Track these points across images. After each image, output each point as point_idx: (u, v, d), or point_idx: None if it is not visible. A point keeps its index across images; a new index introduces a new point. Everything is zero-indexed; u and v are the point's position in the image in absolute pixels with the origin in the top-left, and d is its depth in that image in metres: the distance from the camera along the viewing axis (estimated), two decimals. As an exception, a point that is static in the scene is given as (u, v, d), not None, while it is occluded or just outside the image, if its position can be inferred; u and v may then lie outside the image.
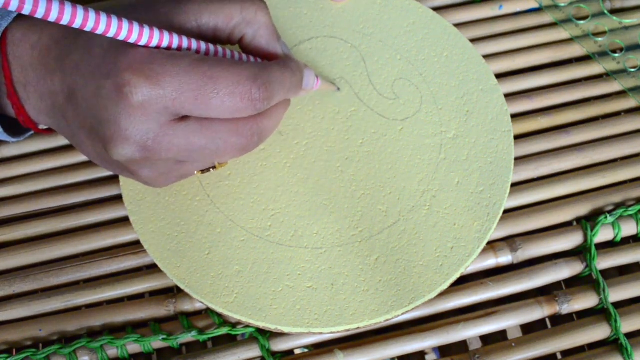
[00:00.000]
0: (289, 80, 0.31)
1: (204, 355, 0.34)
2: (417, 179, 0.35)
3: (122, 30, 0.26)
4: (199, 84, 0.27)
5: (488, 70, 0.38)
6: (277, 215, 0.35)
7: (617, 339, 0.35)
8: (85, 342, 0.34)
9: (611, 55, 0.43)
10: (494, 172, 0.35)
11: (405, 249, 0.34)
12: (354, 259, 0.33)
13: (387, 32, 0.40)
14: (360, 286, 0.33)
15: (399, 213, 0.35)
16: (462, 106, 0.37)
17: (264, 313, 0.32)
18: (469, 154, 0.36)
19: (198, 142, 0.29)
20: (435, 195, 0.35)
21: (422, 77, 0.38)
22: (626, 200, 0.38)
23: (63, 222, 0.39)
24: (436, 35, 0.40)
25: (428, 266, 0.33)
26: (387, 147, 0.36)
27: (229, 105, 0.28)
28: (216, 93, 0.27)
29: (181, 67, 0.27)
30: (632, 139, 0.41)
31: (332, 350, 0.34)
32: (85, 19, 0.24)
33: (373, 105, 0.38)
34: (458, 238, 0.34)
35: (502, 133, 0.36)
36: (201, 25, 0.30)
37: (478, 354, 0.34)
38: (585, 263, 0.37)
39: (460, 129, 0.37)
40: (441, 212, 0.34)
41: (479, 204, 0.35)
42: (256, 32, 0.31)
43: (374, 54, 0.39)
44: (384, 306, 0.32)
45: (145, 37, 0.27)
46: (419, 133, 0.37)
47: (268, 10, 0.31)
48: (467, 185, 0.35)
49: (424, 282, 0.33)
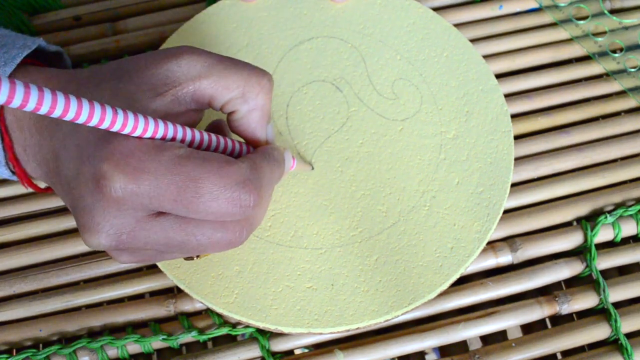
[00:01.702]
0: (277, 174, 0.30)
1: (204, 356, 0.34)
2: (417, 179, 0.35)
3: (104, 119, 0.23)
4: (179, 185, 0.25)
5: (488, 71, 0.38)
6: (277, 215, 0.35)
7: (617, 339, 0.35)
8: (85, 342, 0.34)
9: (611, 55, 0.43)
10: (494, 173, 0.35)
11: (405, 249, 0.34)
12: (353, 259, 0.33)
13: (387, 32, 0.40)
14: (360, 286, 0.33)
15: (398, 213, 0.35)
16: (462, 106, 0.37)
17: (264, 313, 0.32)
18: (468, 154, 0.36)
19: (177, 238, 0.27)
20: (435, 196, 0.35)
21: (422, 77, 0.38)
22: (626, 200, 0.38)
23: (63, 222, 0.39)
24: (436, 35, 0.40)
25: (428, 267, 0.33)
26: (387, 147, 0.36)
27: (214, 210, 0.26)
28: (198, 197, 0.25)
29: (162, 164, 0.25)
30: (632, 139, 0.41)
31: (332, 350, 0.34)
32: (65, 109, 0.22)
33: (373, 106, 0.38)
34: (458, 238, 0.34)
35: (502, 133, 0.36)
36: (197, 90, 0.28)
37: (478, 354, 0.34)
38: (585, 263, 0.37)
39: (460, 129, 0.37)
40: (441, 212, 0.34)
41: (478, 204, 0.35)
42: (249, 113, 0.30)
43: (374, 54, 0.39)
44: (383, 306, 0.32)
45: (129, 127, 0.24)
46: (419, 133, 0.37)
47: (271, 89, 0.30)
48: (467, 186, 0.35)
49: (424, 282, 0.33)
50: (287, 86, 0.39)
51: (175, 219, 0.27)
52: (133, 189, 0.25)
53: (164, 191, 0.25)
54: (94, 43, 0.44)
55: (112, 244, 0.27)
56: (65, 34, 0.45)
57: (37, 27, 0.45)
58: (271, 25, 0.40)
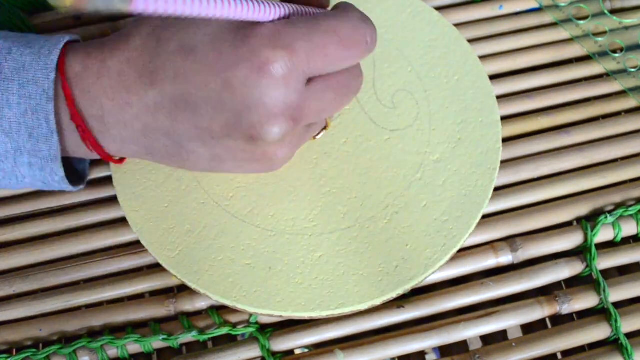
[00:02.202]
0: None
1: (204, 355, 0.34)
2: (386, 192, 0.35)
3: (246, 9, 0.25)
4: (326, 41, 0.28)
5: (494, 104, 0.38)
6: (241, 188, 0.35)
7: (617, 339, 0.35)
8: (85, 342, 0.34)
9: (611, 55, 0.43)
10: (465, 206, 0.35)
11: (350, 255, 0.34)
12: (297, 249, 0.34)
13: (407, 43, 0.40)
14: (295, 278, 0.33)
15: (356, 219, 0.35)
16: (455, 132, 0.37)
17: (198, 276, 0.33)
18: (445, 181, 0.35)
19: (329, 97, 0.29)
20: (398, 212, 0.35)
21: (425, 94, 0.38)
22: (626, 200, 0.38)
23: (63, 222, 0.39)
24: (454, 56, 0.39)
25: (367, 277, 0.33)
26: (367, 152, 0.36)
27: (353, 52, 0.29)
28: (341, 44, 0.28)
29: (303, 30, 0.27)
30: (632, 139, 0.41)
31: (333, 350, 0.34)
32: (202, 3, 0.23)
33: (368, 109, 0.37)
34: (405, 259, 0.33)
35: (486, 169, 0.36)
36: None
37: (478, 354, 0.34)
38: (585, 263, 0.37)
39: (446, 154, 0.36)
40: (398, 229, 0.34)
41: (438, 232, 0.34)
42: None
43: (387, 60, 0.39)
44: (310, 303, 0.32)
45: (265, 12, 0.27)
46: (403, 148, 0.36)
47: None
48: (433, 211, 0.35)
49: (358, 292, 0.33)
50: None
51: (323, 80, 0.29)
52: (295, 59, 0.27)
53: (316, 51, 0.27)
54: (94, 43, 0.44)
55: (287, 124, 0.28)
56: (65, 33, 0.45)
57: (36, 27, 0.45)
58: None
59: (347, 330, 0.35)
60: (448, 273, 0.37)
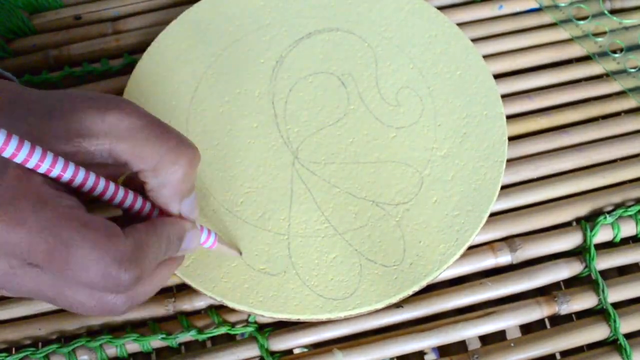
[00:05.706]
0: (169, 251, 0.29)
1: (203, 355, 0.34)
2: (395, 189, 0.35)
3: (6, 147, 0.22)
4: (51, 248, 0.24)
5: (497, 97, 0.38)
6: (251, 193, 0.35)
7: (616, 340, 0.35)
8: (84, 341, 0.34)
9: (611, 56, 0.43)
10: (475, 199, 0.35)
11: (365, 254, 0.34)
12: (312, 252, 0.34)
13: (407, 39, 0.40)
14: (311, 280, 0.33)
15: (368, 218, 0.35)
16: (460, 127, 0.37)
17: (213, 284, 0.33)
18: (454, 176, 0.36)
19: (48, 294, 0.26)
20: (409, 209, 0.35)
21: (428, 91, 0.38)
22: (626, 201, 0.38)
23: (62, 221, 0.39)
24: (455, 52, 0.39)
25: (382, 276, 0.33)
26: (375, 151, 0.36)
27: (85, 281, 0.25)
28: (67, 264, 0.24)
29: (40, 219, 0.24)
30: (632, 139, 0.41)
31: (331, 350, 0.34)
32: None
33: (373, 108, 0.38)
34: (419, 256, 0.34)
35: (494, 162, 0.36)
36: (112, 150, 0.27)
37: (477, 354, 0.34)
38: (584, 263, 0.37)
39: (453, 149, 0.36)
40: (410, 226, 0.34)
41: (450, 227, 0.34)
42: (159, 187, 0.28)
43: (388, 57, 0.39)
44: (327, 305, 0.32)
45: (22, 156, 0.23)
46: (410, 145, 0.36)
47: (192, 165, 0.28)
48: (444, 206, 0.35)
49: (374, 290, 0.33)
50: (295, 71, 0.39)
51: (50, 275, 0.26)
52: (7, 237, 0.24)
53: (35, 248, 0.24)
54: (94, 42, 0.44)
55: None
56: (65, 33, 0.45)
57: (37, 26, 0.45)
58: (296, 10, 0.41)
59: (346, 330, 0.35)
60: (447, 273, 0.36)
